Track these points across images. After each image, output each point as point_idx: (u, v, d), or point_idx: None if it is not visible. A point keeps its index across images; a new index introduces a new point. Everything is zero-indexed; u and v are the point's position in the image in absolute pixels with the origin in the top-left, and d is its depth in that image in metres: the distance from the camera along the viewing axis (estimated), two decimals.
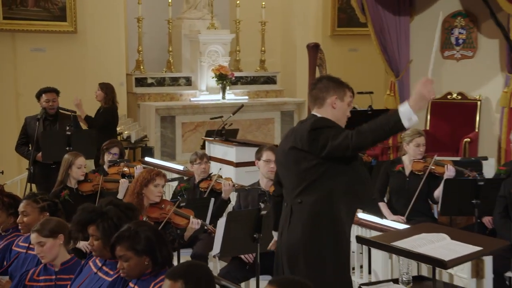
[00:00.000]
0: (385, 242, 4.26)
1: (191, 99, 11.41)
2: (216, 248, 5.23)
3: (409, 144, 6.92)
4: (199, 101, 11.33)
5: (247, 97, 11.68)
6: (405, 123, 3.76)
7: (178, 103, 11.24)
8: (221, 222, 5.23)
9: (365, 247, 6.11)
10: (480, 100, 9.69)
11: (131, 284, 3.96)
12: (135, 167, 7.26)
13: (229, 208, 7.38)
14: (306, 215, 4.21)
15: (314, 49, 8.98)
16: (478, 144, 9.50)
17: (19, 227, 5.00)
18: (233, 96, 11.47)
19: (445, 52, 9.90)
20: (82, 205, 4.51)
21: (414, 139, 6.83)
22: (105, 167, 7.53)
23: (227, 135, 9.33)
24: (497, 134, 9.53)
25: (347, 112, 4.31)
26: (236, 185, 7.02)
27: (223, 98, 11.29)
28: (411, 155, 6.99)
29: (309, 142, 4.09)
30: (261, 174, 6.38)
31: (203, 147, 9.75)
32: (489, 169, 7.72)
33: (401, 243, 4.15)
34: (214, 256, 5.67)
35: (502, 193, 6.14)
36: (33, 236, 4.42)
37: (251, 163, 7.97)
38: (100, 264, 4.26)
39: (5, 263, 5.04)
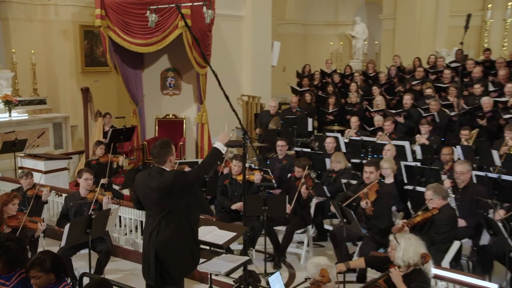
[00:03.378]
0: None
1: None
2: (63, 241, 5.29)
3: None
4: None
5: (27, 115, 11.33)
6: (223, 151, 4.48)
7: None
8: (67, 226, 5.26)
9: None
10: (185, 119, 10.32)
11: None
12: None
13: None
14: (172, 226, 4.35)
15: (85, 91, 9.42)
16: (186, 146, 10.06)
17: None
18: (17, 114, 11.13)
19: (163, 91, 10.37)
20: None
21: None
22: None
23: (19, 144, 9.43)
24: (194, 139, 10.32)
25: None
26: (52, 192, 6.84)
27: (10, 116, 10.95)
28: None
29: (174, 185, 4.28)
30: (81, 187, 6.29)
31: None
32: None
33: None
34: (62, 247, 5.56)
35: (220, 183, 6.87)
36: None
37: (54, 170, 8.41)
38: None
39: None
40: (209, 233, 4.87)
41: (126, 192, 8.22)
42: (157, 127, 10.38)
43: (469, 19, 8.84)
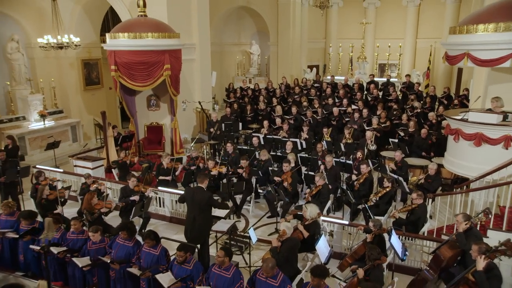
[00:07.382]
0: None
1: (29, 126, 11.03)
2: (132, 215, 6.21)
3: (164, 159, 8.03)
4: (34, 127, 11.06)
5: (54, 122, 11.54)
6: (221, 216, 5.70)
7: (23, 130, 10.79)
8: (134, 207, 6.32)
9: None
10: (163, 125, 10.45)
11: (146, 249, 4.72)
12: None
13: None
14: (206, 218, 5.33)
15: (104, 114, 9.43)
16: (166, 142, 10.20)
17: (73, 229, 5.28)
18: (47, 122, 11.34)
19: (149, 108, 10.38)
20: (120, 223, 5.23)
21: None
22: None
23: (57, 143, 9.73)
24: (170, 138, 10.29)
25: None
26: None
27: (44, 124, 11.21)
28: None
29: (207, 201, 5.32)
30: (130, 184, 6.94)
31: None
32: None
33: None
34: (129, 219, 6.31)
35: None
36: (91, 234, 5.04)
37: (97, 167, 8.78)
38: (123, 240, 4.93)
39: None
40: (213, 212, 5.76)
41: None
42: (146, 131, 10.52)
43: (325, 68, 10.91)
